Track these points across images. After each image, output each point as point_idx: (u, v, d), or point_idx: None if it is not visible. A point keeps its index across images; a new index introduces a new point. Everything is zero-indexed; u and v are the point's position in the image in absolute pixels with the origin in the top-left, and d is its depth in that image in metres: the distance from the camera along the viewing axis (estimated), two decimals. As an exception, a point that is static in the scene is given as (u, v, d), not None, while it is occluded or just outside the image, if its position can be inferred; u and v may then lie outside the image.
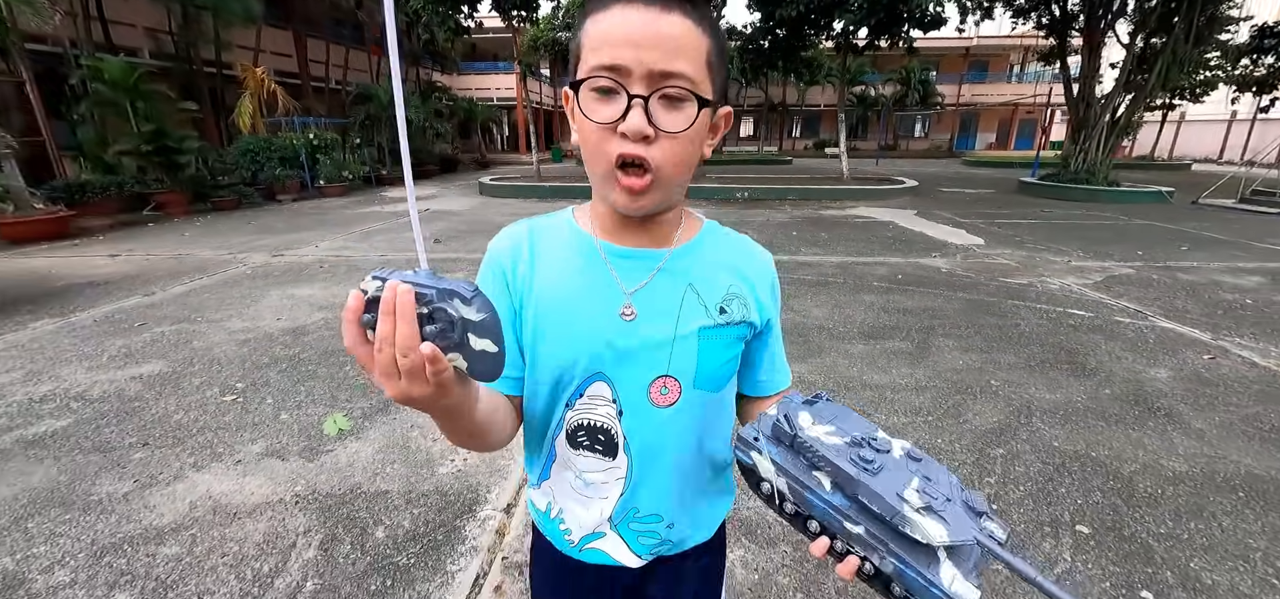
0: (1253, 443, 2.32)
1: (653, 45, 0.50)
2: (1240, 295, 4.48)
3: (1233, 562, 1.68)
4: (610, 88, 0.51)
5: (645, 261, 0.63)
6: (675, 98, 0.52)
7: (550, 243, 0.66)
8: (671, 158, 0.53)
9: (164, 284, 4.91)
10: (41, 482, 2.09)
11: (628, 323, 0.61)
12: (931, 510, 0.42)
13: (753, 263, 0.69)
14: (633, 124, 0.50)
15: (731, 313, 0.64)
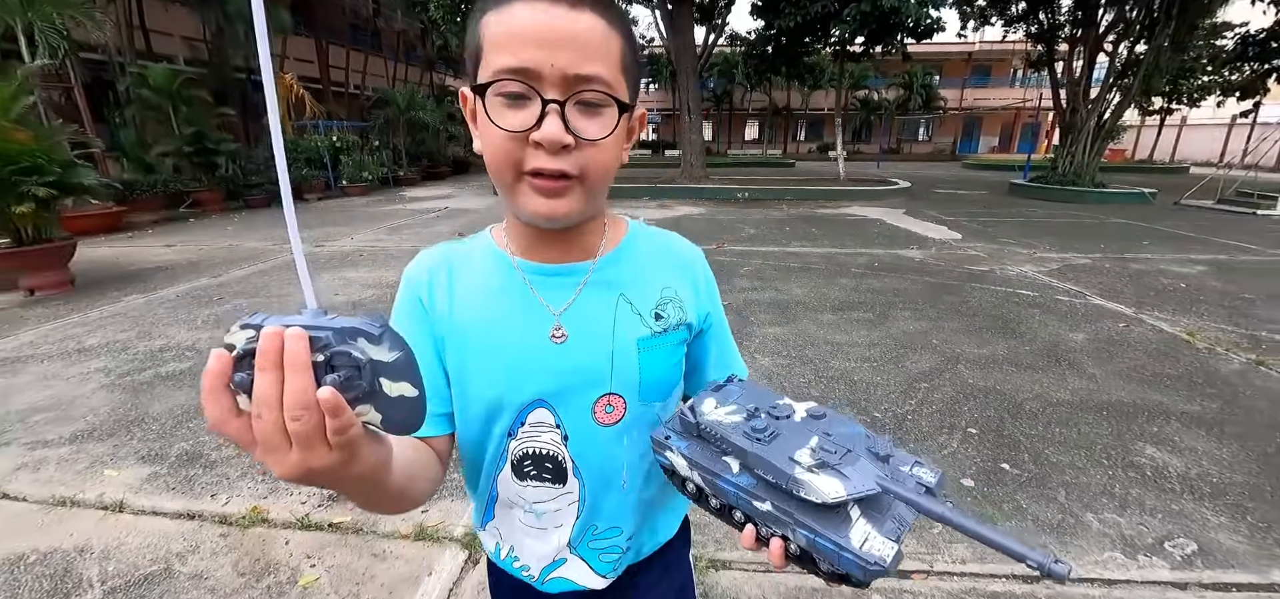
0: (1131, 383, 2.92)
1: (566, 46, 0.46)
2: (1177, 281, 5.05)
3: (1076, 450, 2.28)
4: (521, 93, 0.47)
5: (570, 277, 0.59)
6: (593, 103, 0.48)
7: (468, 268, 0.62)
8: (594, 166, 0.50)
9: (226, 269, 5.59)
10: (186, 399, 2.74)
11: (559, 346, 0.58)
12: (826, 466, 0.39)
13: (681, 260, 0.66)
14: (549, 132, 0.46)
15: (668, 318, 0.62)
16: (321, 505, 1.93)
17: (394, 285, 0.60)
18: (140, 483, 2.08)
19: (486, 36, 0.48)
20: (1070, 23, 12.58)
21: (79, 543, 1.77)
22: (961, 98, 37.00)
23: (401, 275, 0.63)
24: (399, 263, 5.73)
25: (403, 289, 0.62)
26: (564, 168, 0.48)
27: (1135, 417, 2.57)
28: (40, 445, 2.34)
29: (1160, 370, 3.08)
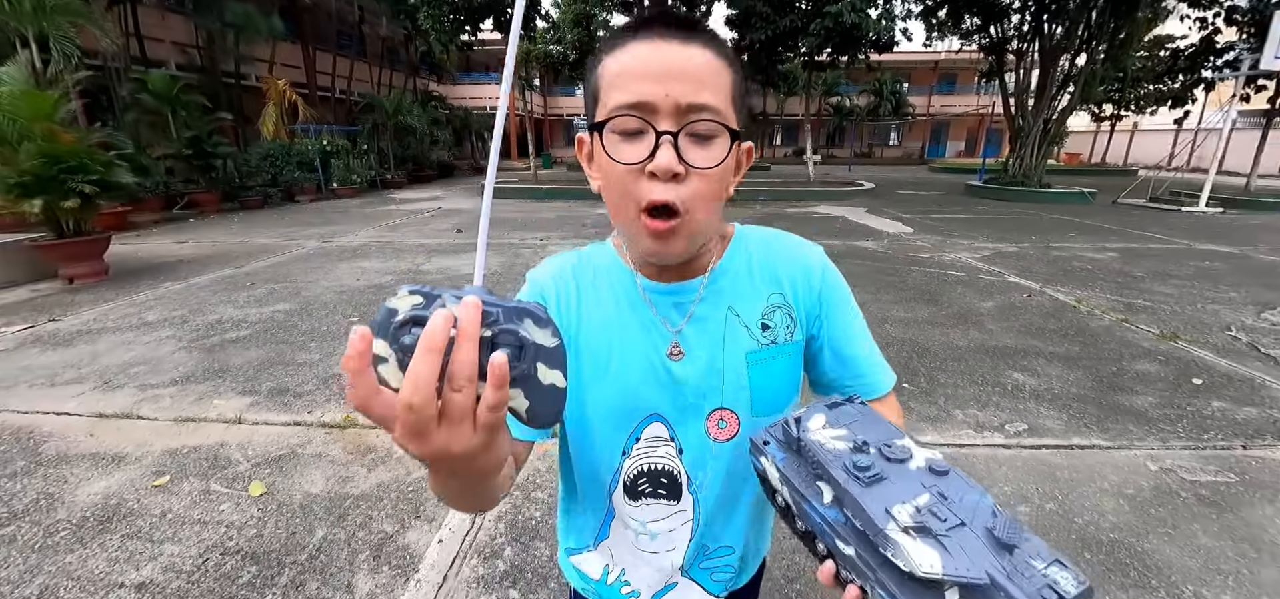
0: (1018, 334, 3.69)
1: (679, 78, 0.47)
2: (1086, 264, 5.91)
3: (960, 375, 3.02)
4: (637, 128, 0.48)
5: (686, 296, 0.60)
6: (704, 134, 0.49)
7: (594, 280, 0.63)
8: (702, 197, 0.51)
9: (245, 261, 6.10)
10: (259, 355, 3.33)
11: (677, 362, 0.59)
12: (927, 532, 0.34)
13: (789, 263, 0.63)
14: (662, 162, 0.48)
15: (775, 329, 0.60)
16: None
17: (406, 274, 0.44)
18: (245, 407, 2.68)
19: (604, 79, 0.50)
20: (1017, 37, 13.66)
21: (217, 441, 2.37)
22: (929, 104, 38.55)
23: (527, 277, 0.64)
24: (406, 256, 6.31)
25: (527, 290, 0.63)
26: (671, 200, 0.49)
27: (1012, 355, 3.32)
28: (148, 388, 2.91)
29: (1044, 326, 3.86)
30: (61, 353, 3.40)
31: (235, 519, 1.87)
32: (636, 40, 0.49)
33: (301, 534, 1.80)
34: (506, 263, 5.89)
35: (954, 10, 14.08)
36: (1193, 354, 3.37)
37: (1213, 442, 2.38)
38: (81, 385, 2.93)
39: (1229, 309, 4.33)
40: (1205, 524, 1.87)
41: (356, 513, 1.91)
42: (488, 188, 0.43)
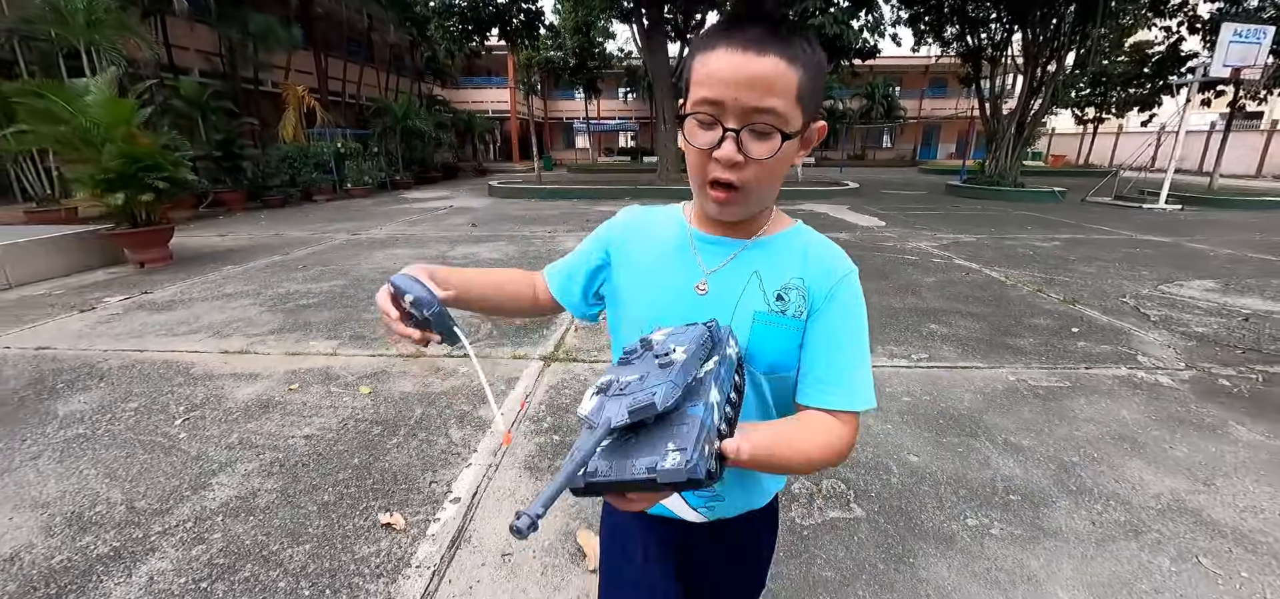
0: (947, 300, 4.51)
1: (746, 86, 0.58)
2: (1030, 250, 6.73)
3: (889, 327, 3.83)
4: (710, 121, 0.61)
5: (725, 248, 0.73)
6: (762, 132, 0.60)
7: (653, 224, 0.81)
8: (757, 178, 0.63)
9: (288, 250, 6.90)
10: (331, 315, 4.13)
11: (700, 296, 0.72)
12: (605, 391, 0.51)
13: (820, 263, 0.72)
14: (724, 153, 0.61)
15: (788, 303, 0.70)
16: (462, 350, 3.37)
17: (435, 259, 0.64)
18: (335, 346, 3.49)
19: (692, 73, 0.63)
20: (991, 45, 14.54)
21: (323, 366, 3.18)
22: (920, 107, 39.49)
23: (605, 221, 0.85)
24: (429, 246, 7.12)
25: (605, 224, 0.85)
26: (732, 179, 0.63)
27: (935, 314, 4.15)
28: (252, 336, 3.71)
29: (970, 295, 4.68)
30: (167, 315, 4.20)
31: (356, 405, 2.68)
32: (721, 45, 0.59)
33: (405, 411, 2.61)
34: (520, 250, 6.72)
35: (936, 20, 14.99)
36: (1082, 313, 4.20)
37: (1063, 365, 3.20)
38: (197, 335, 3.73)
39: (1135, 283, 5.15)
40: (1032, 407, 2.69)
41: (441, 401, 2.72)
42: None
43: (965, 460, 2.24)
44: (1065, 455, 2.28)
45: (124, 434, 2.44)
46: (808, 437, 0.65)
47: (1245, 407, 2.72)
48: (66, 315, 4.24)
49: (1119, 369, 3.16)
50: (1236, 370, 3.16)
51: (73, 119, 5.55)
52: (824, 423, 0.67)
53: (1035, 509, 1.94)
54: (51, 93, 5.67)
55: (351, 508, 1.92)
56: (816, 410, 0.68)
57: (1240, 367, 3.21)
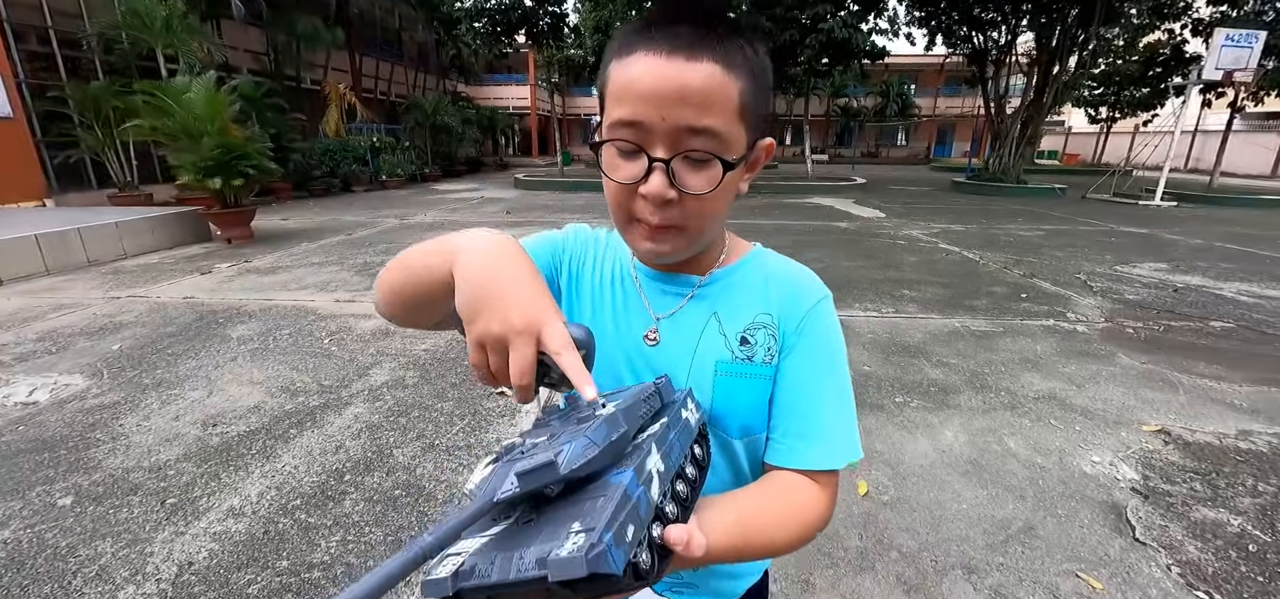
0: (923, 275, 5.29)
1: (677, 101, 0.46)
2: (1012, 238, 7.46)
3: (867, 291, 4.64)
4: (632, 148, 0.49)
5: (678, 287, 0.61)
6: (700, 160, 0.48)
7: (597, 254, 0.67)
8: (696, 214, 0.51)
9: (349, 231, 7.85)
10: (408, 278, 5.04)
11: (650, 348, 0.60)
12: (501, 458, 0.38)
13: (786, 285, 0.61)
14: (654, 189, 0.48)
15: (754, 346, 0.58)
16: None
17: None
18: (420, 298, 4.38)
19: (609, 86, 0.50)
20: (995, 47, 15.13)
21: (416, 310, 4.07)
22: (935, 105, 39.76)
23: (566, 227, 0.70)
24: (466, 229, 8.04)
25: (562, 233, 0.69)
26: (667, 220, 0.50)
27: (910, 283, 4.94)
28: (353, 290, 4.62)
29: (944, 271, 5.47)
30: (273, 277, 5.14)
31: (453, 340, 3.56)
32: (643, 49, 0.47)
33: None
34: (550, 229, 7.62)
35: (944, 22, 15.60)
36: (1037, 285, 4.97)
37: (1003, 318, 4.00)
38: (306, 290, 4.65)
39: (1094, 264, 5.89)
40: (966, 342, 3.50)
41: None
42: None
43: (904, 369, 3.07)
44: (979, 370, 3.09)
45: (289, 347, 3.35)
46: (783, 514, 0.52)
47: (1136, 345, 3.50)
48: (191, 276, 5.20)
49: (1047, 322, 3.95)
50: (1143, 323, 3.93)
51: (178, 114, 6.53)
52: (800, 489, 0.55)
53: (945, 395, 2.77)
54: (161, 91, 6.67)
55: (475, 385, 2.81)
56: (789, 472, 0.56)
57: (1149, 321, 3.98)
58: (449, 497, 1.99)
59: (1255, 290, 4.91)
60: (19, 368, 3.09)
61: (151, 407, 2.61)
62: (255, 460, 2.19)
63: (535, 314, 0.42)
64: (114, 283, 4.93)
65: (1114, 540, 1.78)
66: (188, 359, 3.17)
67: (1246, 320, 4.05)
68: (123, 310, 4.11)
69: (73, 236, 5.77)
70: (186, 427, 2.43)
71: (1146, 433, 2.44)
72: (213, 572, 1.63)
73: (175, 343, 3.43)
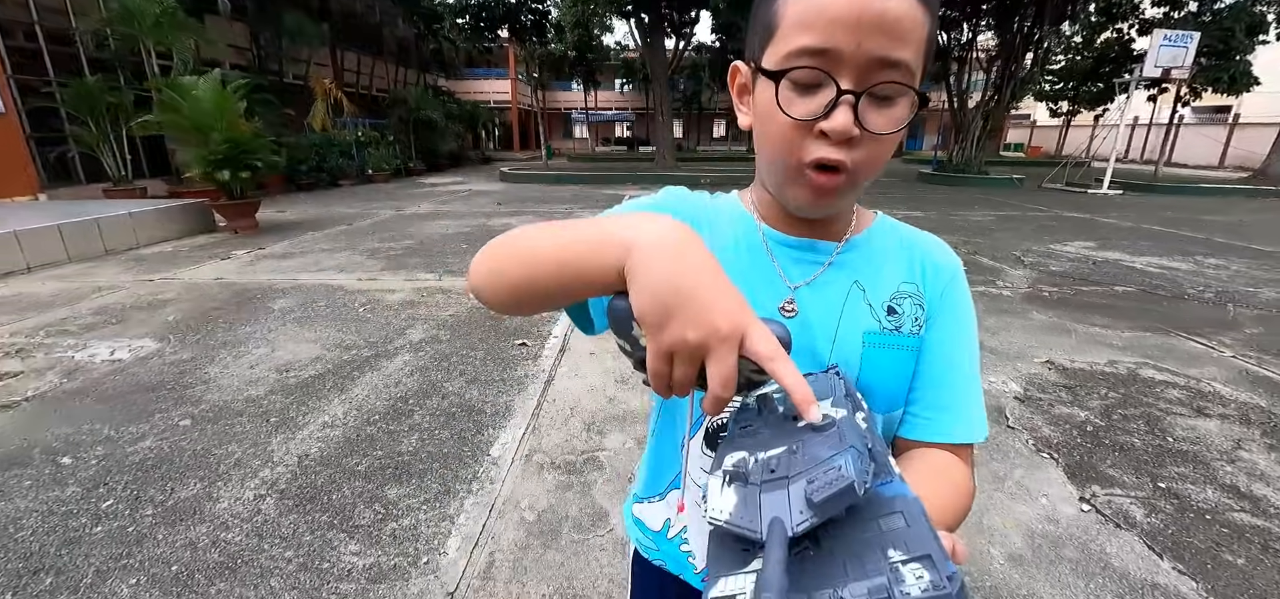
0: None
1: (875, 28, 0.41)
2: (965, 222, 8.20)
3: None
4: (815, 81, 0.44)
5: (813, 254, 0.56)
6: (887, 96, 0.44)
7: (718, 218, 0.60)
8: (871, 161, 0.46)
9: (350, 222, 8.25)
10: (422, 260, 5.52)
11: (787, 321, 0.54)
12: (742, 479, 0.34)
13: (928, 259, 0.58)
14: (839, 123, 0.43)
15: (902, 316, 0.55)
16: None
17: (469, 234, 0.81)
18: (438, 277, 4.88)
19: (788, 13, 0.44)
20: (957, 45, 16.01)
21: (436, 287, 4.58)
22: (907, 100, 40.89)
23: (664, 190, 0.61)
24: (470, 218, 8.50)
25: (659, 197, 0.61)
26: (844, 160, 0.45)
27: (869, 260, 5.59)
28: (370, 272, 5.10)
29: (901, 250, 6.13)
30: (291, 261, 5.58)
31: (475, 304, 4.09)
32: None
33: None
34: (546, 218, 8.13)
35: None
36: (977, 259, 5.67)
37: (943, 286, 4.66)
38: (326, 271, 5.12)
39: (1033, 243, 6.63)
40: (909, 305, 4.14)
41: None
42: None
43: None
44: (917, 323, 3.74)
45: (328, 315, 3.85)
46: (952, 498, 0.49)
47: (1048, 305, 4.19)
48: (211, 262, 5.61)
49: (980, 288, 4.63)
50: (1059, 288, 4.64)
51: (188, 110, 6.87)
52: (955, 469, 0.52)
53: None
54: (169, 87, 7.00)
55: (499, 339, 3.36)
56: (935, 447, 0.53)
57: (1064, 287, 4.69)
58: (497, 412, 2.55)
59: (1162, 263, 5.68)
60: (89, 336, 3.54)
61: (226, 360, 3.10)
62: (331, 392, 2.71)
63: (740, 317, 0.36)
64: (140, 268, 5.33)
65: (993, 427, 2.41)
66: (242, 326, 3.65)
67: (1145, 285, 4.79)
68: (160, 290, 4.54)
69: (92, 227, 6.11)
70: (263, 373, 2.94)
71: (1036, 363, 3.10)
72: (324, 459, 2.17)
73: (224, 314, 3.90)
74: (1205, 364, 3.12)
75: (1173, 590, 1.58)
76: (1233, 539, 1.78)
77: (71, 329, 3.66)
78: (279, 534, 1.78)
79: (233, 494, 1.96)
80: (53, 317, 3.90)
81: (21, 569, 1.63)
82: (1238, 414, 2.56)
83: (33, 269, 5.40)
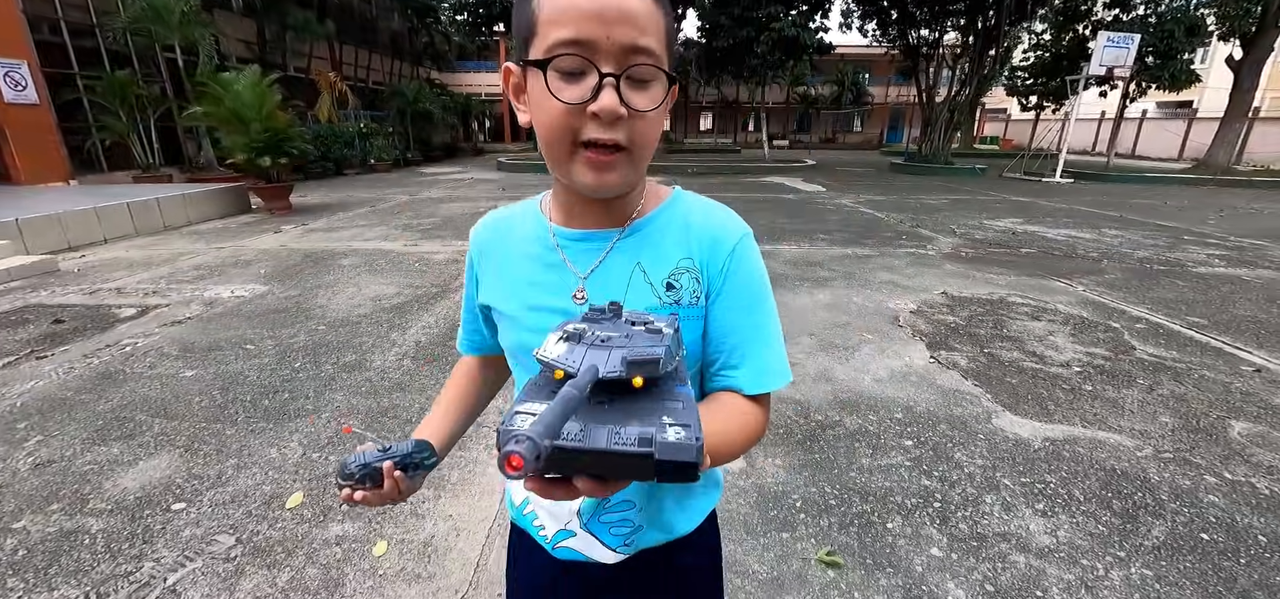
0: (838, 225, 7.06)
1: (620, 20, 0.48)
2: (919, 205, 9.34)
3: (790, 238, 6.36)
4: (577, 69, 0.49)
5: (596, 243, 0.63)
6: (643, 78, 0.51)
7: (511, 228, 0.69)
8: (642, 137, 0.53)
9: (373, 204, 9.16)
10: (452, 230, 6.49)
11: (579, 307, 0.61)
12: (576, 339, 0.43)
13: (709, 231, 0.63)
14: (606, 103, 0.49)
15: (680, 291, 0.61)
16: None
17: (478, 215, 0.65)
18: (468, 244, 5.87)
19: (542, 13, 0.50)
20: (926, 43, 17.20)
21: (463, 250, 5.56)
22: (887, 93, 42.29)
23: (471, 232, 0.74)
24: (480, 202, 9.45)
25: (468, 253, 0.74)
26: (617, 138, 0.51)
27: (828, 230, 6.68)
28: (417, 240, 6.06)
29: (856, 223, 7.24)
30: (335, 234, 6.51)
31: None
32: None
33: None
34: (550, 203, 9.11)
35: (882, 18, 17.58)
36: (919, 232, 6.78)
37: (881, 249, 5.75)
38: (372, 241, 6.07)
39: (970, 220, 7.77)
40: (850, 260, 5.23)
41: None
42: None
43: (805, 272, 4.78)
44: (853, 271, 4.83)
45: (391, 268, 4.83)
46: (736, 426, 0.59)
47: (962, 261, 5.30)
48: (266, 235, 6.52)
49: (912, 250, 5.74)
50: (976, 251, 5.76)
51: (229, 101, 7.73)
52: (741, 407, 0.61)
53: (826, 281, 4.49)
54: (213, 81, 7.85)
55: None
56: (731, 394, 0.62)
57: (980, 249, 5.82)
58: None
59: (1072, 234, 6.84)
60: (202, 283, 4.48)
61: (328, 295, 4.08)
62: (419, 310, 3.72)
63: None
64: (204, 240, 6.24)
65: (891, 327, 3.50)
66: (324, 275, 4.62)
67: (1044, 248, 5.94)
68: (237, 254, 5.48)
69: (153, 205, 6.99)
70: (362, 301, 3.93)
71: (934, 294, 4.20)
72: (431, 342, 3.18)
73: (305, 268, 4.86)
74: (1058, 295, 4.25)
75: (969, 394, 2.66)
76: (1014, 373, 2.87)
77: (183, 280, 4.59)
78: (421, 373, 2.80)
79: (381, 359, 2.98)
80: (159, 272, 4.82)
81: (265, 388, 2.64)
82: (1061, 320, 3.67)
83: (109, 241, 6.27)
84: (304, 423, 2.38)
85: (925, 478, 2.04)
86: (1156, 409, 2.55)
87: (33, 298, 4.09)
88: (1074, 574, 1.61)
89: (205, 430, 2.32)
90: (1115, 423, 2.42)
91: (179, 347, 3.17)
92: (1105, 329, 3.54)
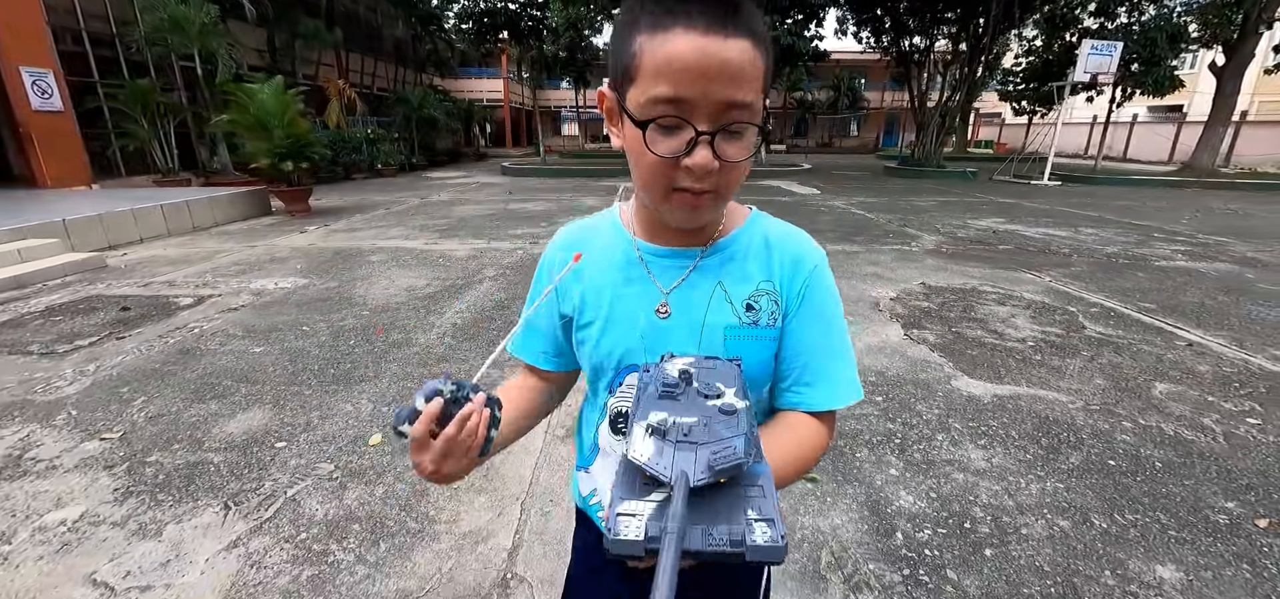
0: (830, 223, 7.50)
1: (720, 75, 0.50)
2: (909, 206, 9.79)
3: (791, 234, 6.81)
4: (675, 125, 0.52)
5: (680, 261, 0.66)
6: (737, 131, 0.53)
7: (594, 239, 0.72)
8: (730, 181, 0.56)
9: (388, 206, 9.58)
10: (469, 231, 6.92)
11: (662, 321, 0.65)
12: (661, 435, 0.43)
13: (788, 255, 0.68)
14: (700, 161, 0.52)
15: (759, 312, 0.65)
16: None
17: (497, 214, 0.87)
18: (487, 241, 6.29)
19: (643, 60, 0.51)
20: (917, 51, 17.73)
21: (485, 246, 6.00)
22: (882, 99, 42.90)
23: (547, 245, 0.77)
24: (490, 204, 9.88)
25: (541, 261, 0.76)
26: (706, 188, 0.54)
27: (820, 229, 7.12)
28: (436, 239, 6.48)
29: (847, 223, 7.68)
30: (359, 234, 6.93)
31: (529, 252, 5.51)
32: (681, 26, 0.49)
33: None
34: (558, 204, 9.55)
35: (876, 26, 18.11)
36: (905, 230, 7.22)
37: (870, 245, 6.19)
38: (394, 240, 6.49)
39: (954, 220, 8.22)
40: (840, 257, 5.67)
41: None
42: None
43: (798, 265, 5.21)
44: (840, 265, 5.26)
45: (417, 264, 5.25)
46: (806, 453, 0.63)
47: (942, 257, 5.74)
48: (292, 235, 6.94)
49: (897, 247, 6.18)
50: (956, 247, 6.20)
51: (254, 109, 8.17)
52: (808, 426, 0.65)
53: (817, 274, 4.91)
54: (238, 90, 8.29)
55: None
56: (797, 413, 0.66)
57: (960, 246, 6.26)
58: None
59: (1049, 232, 7.29)
60: (245, 277, 4.90)
61: (365, 287, 4.51)
62: (451, 298, 4.15)
63: None
64: (234, 240, 6.66)
65: (872, 311, 3.93)
66: (357, 269, 5.04)
67: (1021, 245, 6.38)
68: (270, 252, 5.89)
69: (183, 208, 7.41)
70: (398, 291, 4.35)
71: (912, 284, 4.64)
72: (466, 323, 3.61)
73: (337, 264, 5.28)
74: (1025, 285, 4.69)
75: (934, 362, 3.10)
76: (976, 347, 3.31)
77: (226, 274, 5.01)
78: (462, 347, 3.22)
79: (424, 337, 3.41)
80: (201, 268, 5.24)
81: (328, 361, 3.06)
82: (1024, 305, 4.11)
83: (145, 240, 6.69)
84: (368, 386, 2.80)
85: (890, 423, 2.47)
86: (1094, 374, 2.98)
87: (92, 290, 4.51)
88: (1001, 486, 2.04)
89: (286, 391, 2.74)
90: (1056, 385, 2.86)
91: (242, 329, 3.58)
92: (1062, 312, 3.98)
